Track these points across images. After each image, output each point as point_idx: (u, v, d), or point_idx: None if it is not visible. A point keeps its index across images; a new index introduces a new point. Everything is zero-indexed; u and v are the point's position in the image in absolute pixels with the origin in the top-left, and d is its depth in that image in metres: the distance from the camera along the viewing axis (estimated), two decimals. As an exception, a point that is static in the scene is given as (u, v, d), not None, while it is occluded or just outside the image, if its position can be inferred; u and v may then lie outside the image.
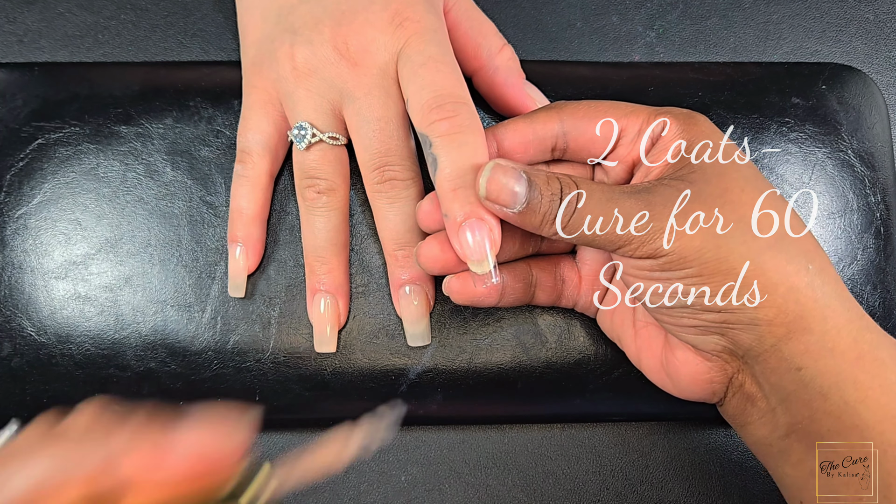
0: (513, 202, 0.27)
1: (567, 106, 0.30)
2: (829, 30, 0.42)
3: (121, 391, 0.34)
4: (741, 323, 0.27)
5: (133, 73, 0.37)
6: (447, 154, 0.28)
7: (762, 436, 0.29)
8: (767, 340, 0.27)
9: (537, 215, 0.27)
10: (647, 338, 0.31)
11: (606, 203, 0.27)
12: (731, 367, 0.28)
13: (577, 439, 0.38)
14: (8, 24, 0.39)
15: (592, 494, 0.37)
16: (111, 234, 0.35)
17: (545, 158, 0.31)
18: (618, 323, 0.33)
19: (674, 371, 0.30)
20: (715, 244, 0.26)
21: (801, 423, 0.27)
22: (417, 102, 0.29)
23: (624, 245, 0.27)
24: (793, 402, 0.27)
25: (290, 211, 0.35)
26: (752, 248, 0.26)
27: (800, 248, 0.27)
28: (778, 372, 0.27)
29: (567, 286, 0.33)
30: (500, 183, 0.27)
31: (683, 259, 0.26)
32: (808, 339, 0.26)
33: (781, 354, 0.27)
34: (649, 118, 0.29)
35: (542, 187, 0.27)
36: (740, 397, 0.29)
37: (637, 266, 0.28)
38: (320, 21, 0.31)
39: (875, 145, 0.38)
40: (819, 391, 0.26)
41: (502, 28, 0.36)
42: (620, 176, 0.31)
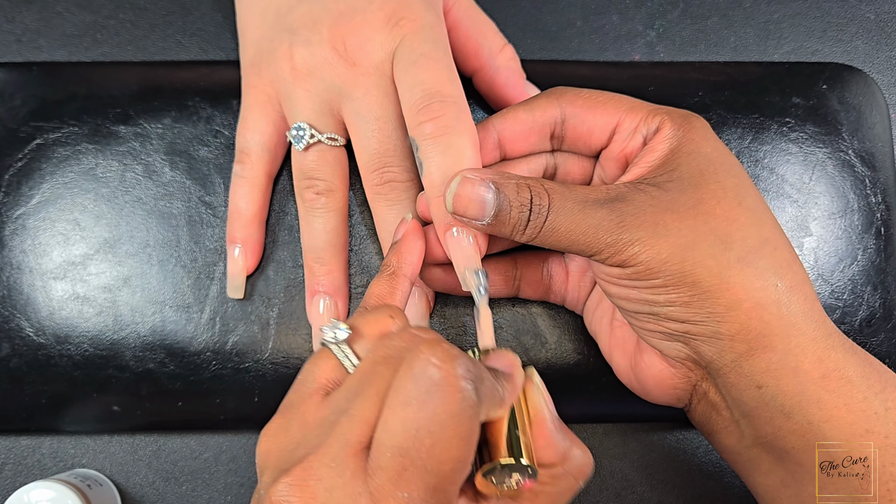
0: (481, 214, 0.27)
1: (567, 92, 0.30)
2: (830, 29, 0.42)
3: (119, 392, 0.34)
4: (703, 335, 0.27)
5: (131, 73, 0.37)
6: (431, 158, 0.28)
7: (729, 444, 0.29)
8: (728, 356, 0.26)
9: (507, 226, 0.27)
10: (621, 337, 0.31)
11: (577, 213, 0.26)
12: (694, 375, 0.28)
13: (576, 440, 0.38)
14: (6, 24, 0.39)
15: (591, 495, 0.37)
16: (110, 235, 0.35)
17: (546, 147, 0.31)
18: (597, 319, 0.33)
19: (640, 373, 0.30)
20: (681, 257, 0.26)
21: (766, 438, 0.27)
22: (407, 103, 0.29)
23: (595, 253, 0.27)
24: (755, 419, 0.27)
25: (288, 211, 0.35)
26: (721, 261, 0.26)
27: (772, 263, 0.26)
28: (738, 387, 0.27)
29: (555, 282, 0.33)
30: (467, 197, 0.27)
31: (650, 270, 0.26)
32: (770, 357, 0.26)
33: (742, 371, 0.26)
34: (647, 116, 0.29)
35: (512, 198, 0.27)
36: (705, 405, 0.29)
37: (607, 272, 0.27)
38: (318, 21, 0.31)
39: (876, 145, 0.37)
40: (781, 410, 0.26)
41: (502, 27, 0.36)
42: (615, 173, 0.31)
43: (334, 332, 0.25)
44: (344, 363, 0.25)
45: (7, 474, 0.36)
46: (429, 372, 0.21)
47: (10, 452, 0.37)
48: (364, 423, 0.22)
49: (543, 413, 0.26)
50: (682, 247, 0.26)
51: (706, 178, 0.27)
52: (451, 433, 0.21)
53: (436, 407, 0.21)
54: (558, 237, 0.27)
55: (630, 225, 0.26)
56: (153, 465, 0.37)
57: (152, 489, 0.37)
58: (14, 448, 0.37)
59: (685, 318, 0.26)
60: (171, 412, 0.35)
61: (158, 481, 0.37)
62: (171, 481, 0.37)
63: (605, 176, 0.31)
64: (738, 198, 0.27)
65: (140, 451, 0.37)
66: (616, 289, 0.28)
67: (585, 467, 0.26)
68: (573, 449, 0.26)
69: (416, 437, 0.21)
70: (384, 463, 0.21)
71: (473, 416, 0.21)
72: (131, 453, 0.37)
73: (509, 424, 0.25)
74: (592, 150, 0.31)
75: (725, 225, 0.26)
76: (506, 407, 0.25)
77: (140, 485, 0.36)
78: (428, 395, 0.21)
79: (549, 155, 0.32)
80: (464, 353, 0.22)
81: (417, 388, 0.21)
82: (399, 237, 0.30)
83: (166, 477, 0.37)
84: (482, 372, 0.23)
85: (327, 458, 0.21)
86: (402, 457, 0.21)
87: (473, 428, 0.21)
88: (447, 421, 0.21)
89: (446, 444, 0.21)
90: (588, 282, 0.33)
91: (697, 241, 0.26)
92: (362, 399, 0.22)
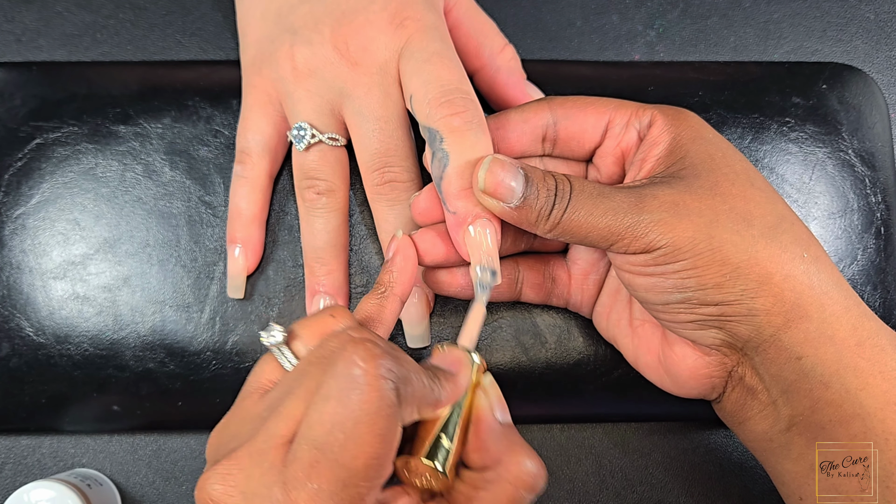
0: (510, 197, 0.27)
1: (557, 98, 0.31)
2: (830, 29, 0.42)
3: (119, 391, 0.34)
4: (739, 315, 0.27)
5: (131, 73, 0.37)
6: (459, 150, 0.28)
7: (762, 430, 0.29)
8: (766, 330, 0.27)
9: (533, 211, 0.27)
10: (644, 336, 0.31)
11: (598, 198, 0.27)
12: (730, 361, 0.28)
13: (576, 440, 0.38)
14: (6, 24, 0.39)
15: (592, 495, 0.37)
16: (109, 234, 0.35)
17: (537, 151, 0.31)
18: (614, 322, 0.33)
19: (672, 367, 0.30)
20: (707, 234, 0.26)
21: (803, 415, 0.27)
22: (424, 97, 0.29)
23: (617, 241, 0.27)
24: (794, 393, 0.27)
25: (289, 211, 0.35)
26: (745, 237, 0.26)
27: (794, 236, 0.27)
28: (778, 362, 0.27)
29: (557, 285, 0.33)
30: (498, 177, 0.27)
31: (677, 251, 0.26)
32: (808, 327, 0.26)
33: (781, 344, 0.27)
34: (637, 111, 0.30)
35: (539, 183, 0.27)
36: (740, 391, 0.29)
37: (631, 262, 0.27)
38: (320, 21, 0.31)
39: (876, 145, 0.37)
40: (820, 380, 0.26)
41: (502, 27, 0.36)
42: (612, 170, 0.31)
43: (270, 334, 0.26)
44: (283, 364, 0.26)
45: (7, 474, 0.36)
46: (350, 370, 0.22)
47: (10, 452, 0.37)
48: (290, 419, 0.23)
49: (486, 415, 0.27)
50: (705, 225, 0.26)
51: (717, 162, 0.28)
52: (366, 430, 0.21)
53: (353, 404, 0.21)
54: (579, 224, 0.27)
55: (650, 206, 0.26)
56: (153, 465, 0.37)
57: (152, 489, 0.37)
58: (14, 448, 0.37)
59: (719, 300, 0.26)
60: (171, 412, 0.35)
61: (158, 481, 0.37)
62: (171, 481, 0.37)
63: (602, 175, 0.31)
64: (749, 180, 0.28)
65: (140, 451, 0.37)
66: (642, 279, 0.28)
67: (529, 478, 0.25)
68: (517, 456, 0.25)
69: (331, 431, 0.21)
70: (299, 454, 0.21)
71: (391, 415, 0.22)
72: (131, 453, 0.37)
73: (441, 425, 0.26)
74: (586, 151, 0.31)
75: (743, 203, 0.27)
76: (442, 407, 0.25)
77: (140, 484, 0.37)
78: (346, 393, 0.22)
79: (539, 160, 0.32)
80: (391, 353, 0.23)
81: (338, 385, 0.22)
82: (390, 255, 0.30)
83: (166, 477, 0.37)
84: (409, 373, 0.23)
85: (252, 450, 0.22)
86: (315, 449, 0.21)
87: (391, 427, 0.22)
88: (362, 418, 0.21)
89: (359, 440, 0.21)
90: (591, 285, 0.33)
91: (720, 220, 0.26)
92: (292, 397, 0.23)
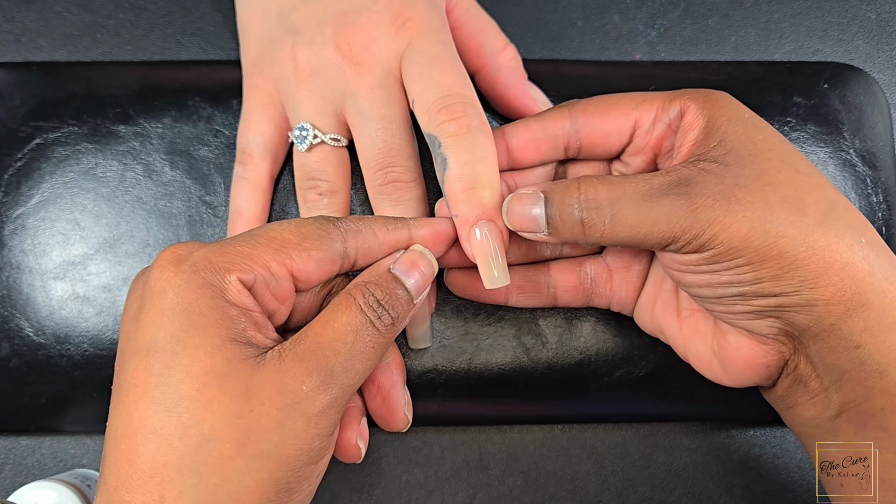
0: (538, 226, 0.27)
1: (578, 103, 0.30)
2: (831, 29, 0.42)
3: (120, 392, 0.34)
4: (798, 305, 0.26)
5: (131, 73, 0.37)
6: (457, 155, 0.28)
7: (810, 416, 0.28)
8: (826, 320, 0.26)
9: (566, 230, 0.27)
10: (695, 326, 0.30)
11: (644, 203, 0.26)
12: (787, 349, 0.28)
13: (578, 440, 0.38)
14: (6, 24, 0.39)
15: (593, 495, 0.37)
16: (110, 234, 0.35)
17: (558, 157, 0.31)
18: (659, 314, 0.32)
19: (727, 357, 0.29)
20: (762, 230, 0.25)
21: (854, 402, 0.26)
22: (425, 102, 0.29)
23: (671, 242, 0.26)
24: (847, 381, 0.26)
25: (289, 212, 0.35)
26: (801, 228, 0.25)
27: (848, 222, 0.26)
28: (836, 351, 0.26)
29: (597, 284, 0.32)
30: (519, 214, 0.27)
31: (732, 250, 0.25)
32: (868, 315, 0.25)
33: (840, 333, 0.26)
34: (664, 104, 0.29)
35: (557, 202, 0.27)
36: (792, 379, 0.28)
37: (683, 261, 0.27)
38: (322, 21, 0.31)
39: (877, 145, 0.37)
40: (876, 368, 0.26)
41: (503, 26, 0.36)
42: (643, 165, 0.30)
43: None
44: None
45: (7, 474, 0.36)
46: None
47: (10, 452, 0.37)
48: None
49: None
50: (759, 220, 0.25)
51: (757, 145, 0.27)
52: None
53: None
54: (628, 231, 0.26)
55: (703, 206, 0.25)
56: (153, 466, 0.37)
57: (153, 489, 0.36)
58: (14, 448, 0.37)
59: (777, 292, 0.26)
60: (172, 412, 0.35)
61: (159, 482, 0.36)
62: (171, 482, 0.37)
63: (631, 172, 0.31)
64: (793, 164, 0.27)
65: (140, 452, 0.37)
66: (694, 277, 0.27)
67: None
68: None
69: None
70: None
71: None
72: (132, 454, 0.37)
73: None
74: (613, 153, 0.31)
75: (793, 192, 0.26)
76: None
77: (140, 485, 0.36)
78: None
79: (558, 163, 0.32)
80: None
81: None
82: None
83: (167, 477, 0.37)
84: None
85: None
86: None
87: None
88: None
89: None
90: (635, 276, 0.32)
91: (773, 212, 0.25)
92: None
